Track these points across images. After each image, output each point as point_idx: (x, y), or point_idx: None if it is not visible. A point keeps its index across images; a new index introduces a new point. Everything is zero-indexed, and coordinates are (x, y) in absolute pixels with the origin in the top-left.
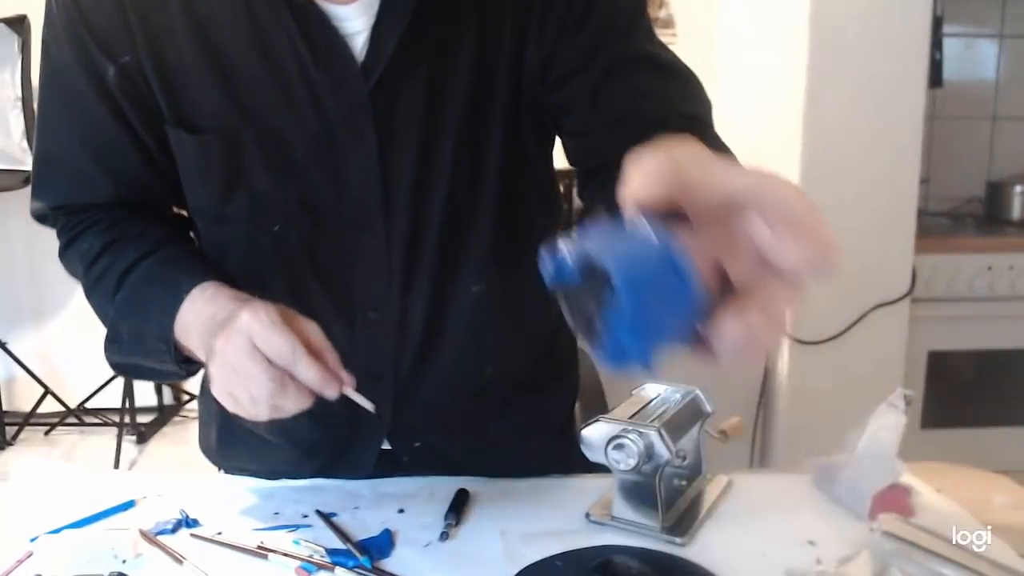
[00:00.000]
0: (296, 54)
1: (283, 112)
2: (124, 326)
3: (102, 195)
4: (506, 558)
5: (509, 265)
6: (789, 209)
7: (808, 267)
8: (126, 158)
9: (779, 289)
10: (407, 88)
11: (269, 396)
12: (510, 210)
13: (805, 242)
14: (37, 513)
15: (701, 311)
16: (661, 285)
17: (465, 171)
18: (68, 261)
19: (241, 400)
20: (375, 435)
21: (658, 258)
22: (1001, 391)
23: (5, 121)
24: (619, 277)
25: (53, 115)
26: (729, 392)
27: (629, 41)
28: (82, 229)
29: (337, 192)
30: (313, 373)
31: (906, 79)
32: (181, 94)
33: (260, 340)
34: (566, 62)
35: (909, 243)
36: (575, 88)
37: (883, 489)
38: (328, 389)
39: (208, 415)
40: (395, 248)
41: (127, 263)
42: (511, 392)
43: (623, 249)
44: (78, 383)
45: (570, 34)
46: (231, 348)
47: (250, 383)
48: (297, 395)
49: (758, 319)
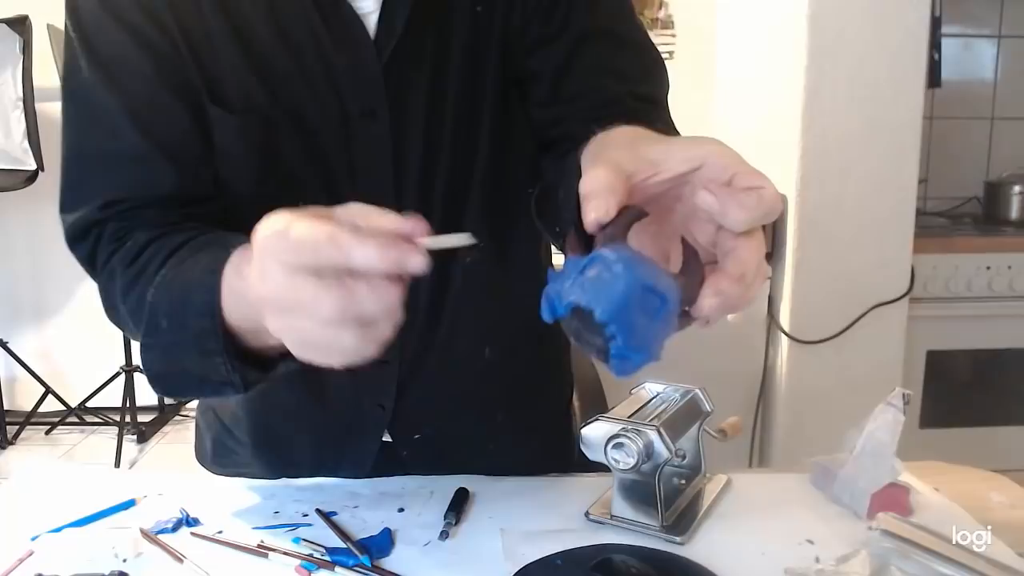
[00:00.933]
0: (313, 34)
1: (303, 92)
2: (163, 309)
3: (166, 184)
4: (506, 557)
5: (500, 235)
6: (725, 173)
7: (753, 221)
8: (188, 139)
9: (742, 248)
10: (414, 66)
11: (338, 312)
12: (501, 182)
13: (744, 199)
14: (38, 512)
15: (681, 307)
16: (639, 307)
17: (462, 146)
18: (107, 278)
19: (319, 341)
20: (376, 426)
21: (628, 286)
22: (999, 390)
23: (6, 121)
24: (600, 314)
25: (100, 108)
26: (728, 391)
27: (600, 16)
28: (128, 229)
29: (352, 173)
30: (373, 247)
31: (904, 79)
32: (213, 72)
33: (285, 246)
34: (540, 33)
35: (908, 243)
36: (544, 59)
37: (882, 488)
38: (408, 257)
39: (205, 426)
40: None
41: (173, 246)
42: (511, 379)
43: (596, 287)
44: (79, 382)
45: (546, 5)
46: (265, 283)
47: (311, 310)
48: (372, 291)
49: (728, 285)
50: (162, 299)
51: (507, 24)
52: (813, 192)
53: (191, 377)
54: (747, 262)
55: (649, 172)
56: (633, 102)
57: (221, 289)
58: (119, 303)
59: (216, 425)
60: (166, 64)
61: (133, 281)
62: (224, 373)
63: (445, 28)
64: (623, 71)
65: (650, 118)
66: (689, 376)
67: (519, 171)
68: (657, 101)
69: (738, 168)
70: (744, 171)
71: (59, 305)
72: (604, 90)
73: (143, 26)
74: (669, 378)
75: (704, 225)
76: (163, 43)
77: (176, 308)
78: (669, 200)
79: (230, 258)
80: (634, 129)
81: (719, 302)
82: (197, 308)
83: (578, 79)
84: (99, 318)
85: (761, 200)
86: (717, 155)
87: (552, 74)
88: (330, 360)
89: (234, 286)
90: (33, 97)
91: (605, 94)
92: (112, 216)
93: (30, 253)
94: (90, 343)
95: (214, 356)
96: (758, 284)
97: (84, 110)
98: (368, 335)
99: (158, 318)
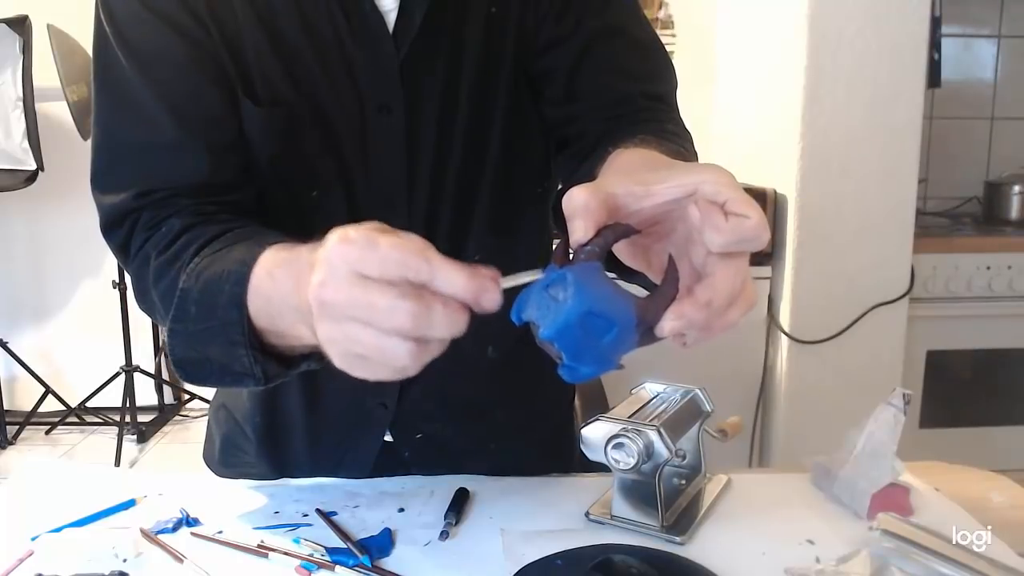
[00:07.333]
0: (335, 28)
1: (323, 85)
2: (192, 296)
3: (200, 172)
4: (506, 557)
5: (506, 234)
6: (718, 197)
7: (727, 245)
8: (222, 127)
9: (718, 274)
10: (429, 63)
11: (412, 324)
12: (510, 180)
13: (719, 221)
14: (38, 512)
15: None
16: (582, 328)
17: (474, 144)
18: (141, 263)
19: (372, 350)
20: (378, 426)
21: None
22: (999, 390)
23: (6, 121)
24: (543, 332)
25: (135, 97)
26: (728, 391)
27: (611, 16)
28: (163, 217)
29: (366, 166)
30: (460, 275)
31: (904, 79)
32: (243, 64)
33: (370, 254)
34: (552, 33)
35: (908, 243)
36: (557, 58)
37: (882, 488)
38: (486, 293)
39: (216, 426)
40: (415, 225)
41: (208, 236)
42: (512, 379)
43: (546, 307)
44: (79, 382)
45: (558, 7)
46: (328, 287)
47: (378, 316)
48: (446, 312)
49: (691, 310)
50: (193, 287)
51: (521, 24)
52: (813, 192)
53: (213, 365)
54: (718, 289)
55: (640, 194)
56: (644, 101)
57: (249, 286)
58: (151, 288)
59: (227, 424)
60: (200, 51)
61: (167, 267)
62: (247, 364)
63: (460, 28)
64: (634, 70)
65: (660, 117)
66: (689, 376)
67: (527, 169)
68: (667, 99)
69: (730, 195)
70: (735, 198)
71: (59, 305)
72: (616, 89)
73: (177, 14)
74: (669, 378)
75: (699, 247)
76: (198, 31)
77: (206, 296)
78: (673, 221)
79: (261, 259)
80: (647, 154)
81: (679, 325)
82: (226, 298)
83: (590, 78)
84: (99, 318)
85: (738, 226)
86: (712, 181)
87: (565, 73)
88: (374, 373)
89: (264, 288)
90: (33, 97)
91: (617, 93)
92: (147, 205)
93: (30, 253)
94: (90, 343)
95: (238, 348)
96: (735, 313)
97: (118, 99)
98: (421, 354)
99: (188, 304)
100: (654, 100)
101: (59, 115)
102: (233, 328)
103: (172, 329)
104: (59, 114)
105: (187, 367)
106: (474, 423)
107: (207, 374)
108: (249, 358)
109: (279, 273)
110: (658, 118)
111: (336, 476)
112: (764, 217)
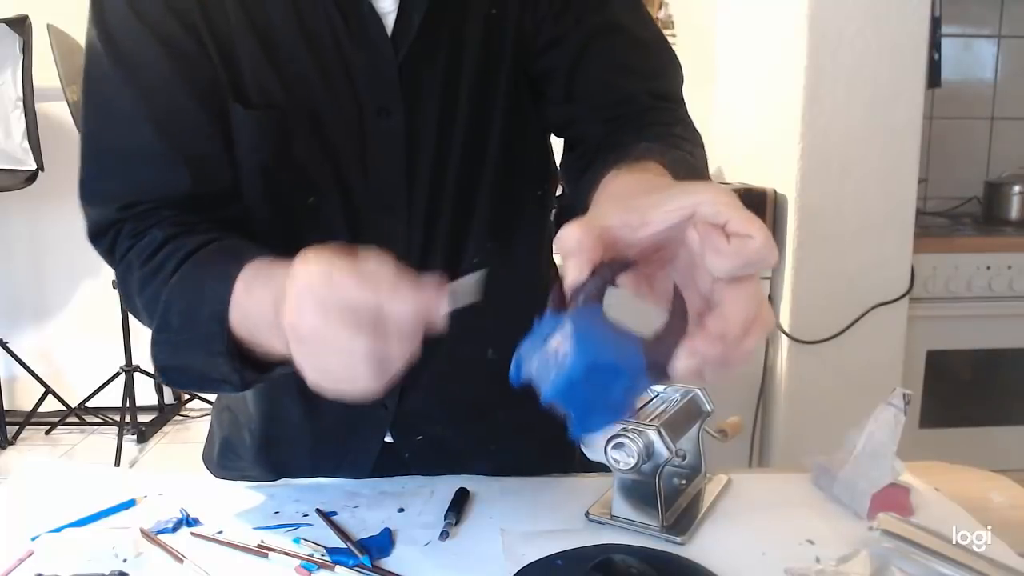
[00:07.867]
0: (332, 30)
1: (320, 89)
2: (175, 308)
3: (181, 186)
4: (506, 557)
5: (505, 235)
6: (718, 218)
7: (733, 270)
8: (206, 142)
9: (728, 302)
10: (428, 65)
11: (368, 353)
12: (509, 182)
13: (720, 243)
14: (38, 512)
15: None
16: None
17: (474, 145)
18: (125, 269)
19: (340, 375)
20: (378, 427)
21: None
22: (1000, 390)
23: (6, 121)
24: (545, 394)
25: (119, 106)
26: (728, 391)
27: (611, 12)
28: (146, 227)
29: (364, 170)
30: (410, 299)
31: (904, 79)
32: (235, 69)
33: (328, 291)
34: (551, 30)
35: (908, 243)
36: (557, 57)
37: (882, 488)
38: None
39: (218, 426)
40: (415, 227)
41: (189, 248)
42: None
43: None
44: (79, 382)
45: (558, 8)
46: (299, 318)
47: (341, 347)
48: (401, 335)
49: (705, 346)
50: (175, 300)
51: (520, 26)
52: (813, 192)
53: (194, 372)
54: (730, 320)
55: (636, 224)
56: (649, 100)
57: (231, 301)
58: (135, 295)
59: (229, 426)
60: (188, 65)
61: (150, 278)
62: (225, 372)
63: (460, 28)
64: (636, 68)
65: (666, 119)
66: None
67: (527, 171)
68: (672, 97)
69: (731, 215)
70: (736, 217)
71: (59, 305)
72: (616, 87)
73: (167, 23)
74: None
75: (704, 272)
76: (188, 41)
77: (188, 311)
78: (675, 246)
79: (241, 273)
80: (642, 177)
81: (694, 364)
82: (207, 314)
83: (591, 77)
84: (99, 318)
85: (742, 248)
86: (710, 202)
87: (565, 72)
88: (343, 393)
89: (242, 303)
90: (33, 97)
91: (618, 92)
92: (130, 217)
93: (30, 253)
94: (90, 343)
95: (218, 357)
96: (750, 341)
97: (103, 106)
98: (383, 374)
99: (170, 316)
100: (659, 99)
101: (59, 115)
102: (214, 340)
103: (155, 339)
104: (59, 114)
105: (169, 373)
106: (474, 424)
107: (188, 380)
108: (228, 367)
109: (257, 292)
110: (663, 120)
111: (336, 477)
112: (770, 236)
